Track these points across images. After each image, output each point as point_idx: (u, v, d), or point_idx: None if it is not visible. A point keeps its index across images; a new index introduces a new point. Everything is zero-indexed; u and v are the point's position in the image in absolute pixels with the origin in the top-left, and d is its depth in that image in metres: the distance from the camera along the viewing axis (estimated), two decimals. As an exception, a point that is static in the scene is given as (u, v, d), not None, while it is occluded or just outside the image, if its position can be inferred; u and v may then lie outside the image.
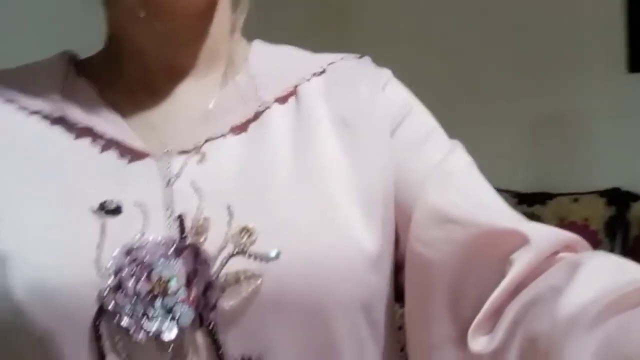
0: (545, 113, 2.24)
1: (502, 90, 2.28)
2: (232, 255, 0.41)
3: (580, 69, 2.15)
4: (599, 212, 2.02)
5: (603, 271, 0.35)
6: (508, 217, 0.44)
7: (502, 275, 0.39)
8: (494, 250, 0.41)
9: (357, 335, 0.44)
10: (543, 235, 0.40)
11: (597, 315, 0.31)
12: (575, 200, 2.07)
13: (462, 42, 2.35)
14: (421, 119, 0.51)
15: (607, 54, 2.10)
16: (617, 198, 2.03)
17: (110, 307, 0.39)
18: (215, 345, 0.40)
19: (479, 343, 0.39)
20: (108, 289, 0.40)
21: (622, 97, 2.08)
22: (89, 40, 0.53)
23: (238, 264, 0.41)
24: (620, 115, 2.08)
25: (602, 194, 2.05)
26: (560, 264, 0.38)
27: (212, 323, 0.40)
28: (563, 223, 2.03)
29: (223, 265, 0.41)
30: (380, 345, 0.46)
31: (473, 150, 0.49)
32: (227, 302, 0.40)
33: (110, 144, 0.46)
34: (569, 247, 0.40)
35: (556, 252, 0.40)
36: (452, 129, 0.52)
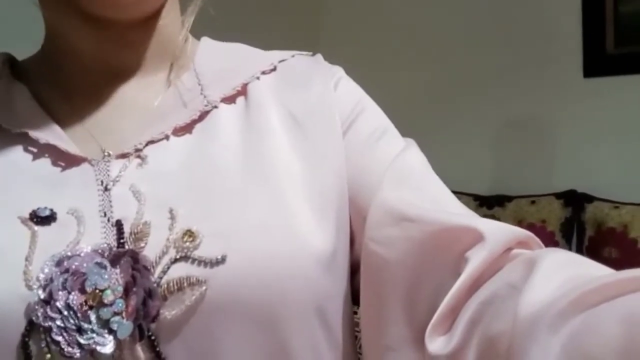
0: (504, 118, 2.27)
1: (460, 96, 2.32)
2: (174, 261, 0.39)
3: (537, 75, 2.19)
4: (555, 214, 2.06)
5: (559, 268, 0.34)
6: (462, 214, 0.43)
7: (458, 273, 0.38)
8: (449, 248, 0.40)
9: (312, 340, 0.42)
10: (497, 231, 0.39)
11: (558, 314, 0.30)
12: (533, 202, 2.10)
13: (425, 48, 2.38)
14: (374, 118, 0.50)
15: (564, 60, 2.15)
16: (572, 200, 2.07)
17: (40, 322, 0.36)
18: (158, 358, 0.37)
19: (436, 344, 0.37)
20: (38, 302, 0.36)
21: (578, 101, 2.13)
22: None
23: (181, 270, 0.39)
24: (576, 119, 2.13)
25: (558, 196, 2.09)
26: (516, 260, 0.37)
27: (153, 335, 0.38)
28: (521, 225, 2.06)
29: (165, 272, 0.39)
30: (338, 350, 0.44)
31: (435, 155, 0.48)
32: (169, 312, 0.38)
33: (44, 149, 0.43)
34: (522, 244, 0.40)
35: (510, 249, 0.39)
36: (414, 134, 0.51)
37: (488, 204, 2.15)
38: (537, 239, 0.40)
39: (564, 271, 0.34)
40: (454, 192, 0.47)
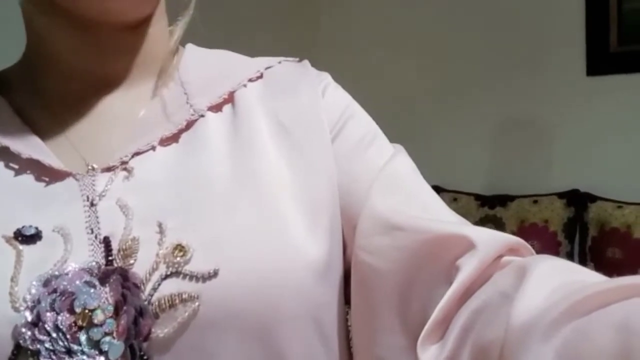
0: (506, 116, 2.27)
1: (462, 94, 2.31)
2: (165, 277, 0.38)
3: (540, 73, 2.19)
4: (558, 214, 2.04)
5: (551, 275, 0.34)
6: (453, 222, 0.43)
7: (450, 281, 0.38)
8: (440, 256, 0.39)
9: (308, 351, 0.41)
10: (488, 239, 0.38)
11: (551, 323, 0.30)
12: (535, 202, 2.09)
13: (424, 47, 2.38)
14: (362, 124, 0.49)
15: (567, 58, 2.14)
16: (575, 199, 2.06)
17: (27, 345, 0.35)
18: (150, 378, 0.37)
19: (428, 353, 0.37)
20: (25, 324, 0.36)
21: (581, 99, 2.12)
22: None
23: (172, 286, 0.38)
24: (579, 117, 2.12)
25: (560, 195, 2.08)
26: (508, 268, 0.37)
27: (145, 354, 0.37)
28: (524, 225, 2.05)
29: (155, 289, 0.38)
30: (335, 359, 0.44)
31: (436, 154, 0.47)
32: (161, 330, 0.37)
33: (26, 165, 0.42)
34: (512, 250, 0.39)
35: (501, 256, 0.39)
36: (415, 134, 0.50)
37: (490, 203, 2.14)
38: (527, 246, 0.39)
39: (555, 279, 0.33)
40: (455, 192, 0.46)
